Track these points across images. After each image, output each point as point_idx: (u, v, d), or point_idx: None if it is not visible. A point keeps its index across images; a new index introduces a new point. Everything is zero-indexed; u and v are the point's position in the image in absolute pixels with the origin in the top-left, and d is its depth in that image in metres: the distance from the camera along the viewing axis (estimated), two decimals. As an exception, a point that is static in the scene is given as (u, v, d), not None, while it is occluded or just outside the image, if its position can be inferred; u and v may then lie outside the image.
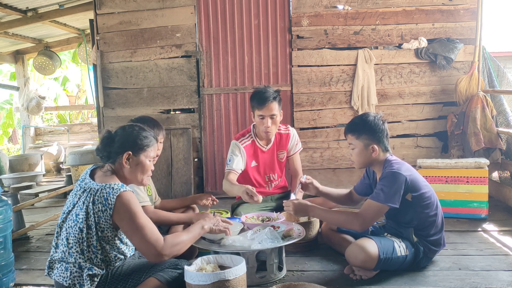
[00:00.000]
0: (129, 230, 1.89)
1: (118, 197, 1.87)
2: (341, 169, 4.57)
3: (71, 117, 11.88)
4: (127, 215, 1.87)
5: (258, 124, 3.07)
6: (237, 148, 3.12)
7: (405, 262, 2.38)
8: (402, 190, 2.30)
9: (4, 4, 5.14)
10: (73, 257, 1.90)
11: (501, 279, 2.30)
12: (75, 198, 1.97)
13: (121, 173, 2.03)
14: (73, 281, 1.88)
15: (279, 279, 2.40)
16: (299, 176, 2.84)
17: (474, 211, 3.37)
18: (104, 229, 1.91)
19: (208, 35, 4.55)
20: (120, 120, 4.63)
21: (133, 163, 2.03)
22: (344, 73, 4.49)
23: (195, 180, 4.63)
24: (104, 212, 1.88)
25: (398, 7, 4.42)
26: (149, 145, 2.07)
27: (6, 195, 3.67)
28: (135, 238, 1.89)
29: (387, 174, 2.34)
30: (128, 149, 2.01)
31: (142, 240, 1.87)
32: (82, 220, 1.89)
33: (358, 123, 2.49)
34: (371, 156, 2.44)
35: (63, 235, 1.95)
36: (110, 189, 1.89)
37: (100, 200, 1.88)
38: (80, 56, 7.49)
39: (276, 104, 3.01)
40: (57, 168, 7.43)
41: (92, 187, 1.92)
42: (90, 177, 2.01)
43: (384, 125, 2.45)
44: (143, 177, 2.08)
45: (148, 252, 1.88)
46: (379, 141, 2.44)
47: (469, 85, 4.20)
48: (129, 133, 2.05)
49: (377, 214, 2.32)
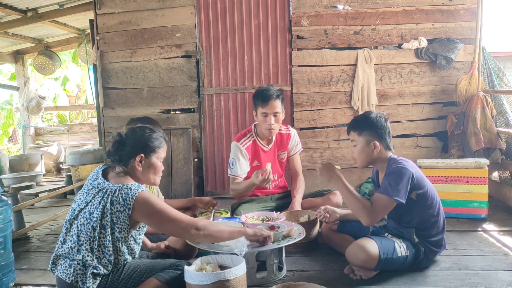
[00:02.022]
0: (161, 221, 1.98)
1: (137, 198, 1.93)
2: (341, 169, 4.54)
3: (71, 117, 11.89)
4: (151, 210, 1.95)
5: (261, 122, 3.07)
6: (239, 151, 3.12)
7: (406, 262, 2.38)
8: (408, 186, 2.31)
9: (4, 4, 5.14)
10: (82, 254, 1.92)
11: (501, 279, 2.30)
12: (87, 197, 2.00)
13: (134, 175, 2.08)
14: (75, 278, 1.89)
15: (279, 279, 2.40)
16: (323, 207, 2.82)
17: (474, 211, 3.37)
18: (122, 229, 1.95)
19: (208, 35, 4.55)
20: (120, 120, 4.63)
21: (146, 165, 2.09)
22: (344, 73, 4.49)
23: (195, 180, 4.63)
24: (123, 213, 1.92)
25: (398, 7, 4.42)
26: (160, 147, 2.13)
27: (6, 195, 3.67)
28: (169, 226, 2.00)
29: (393, 170, 2.35)
30: (140, 152, 2.06)
31: (177, 227, 2.00)
32: (96, 219, 1.92)
33: (361, 120, 2.53)
34: (373, 153, 2.45)
35: (74, 231, 1.97)
36: (128, 190, 1.94)
37: (119, 200, 1.92)
38: (80, 56, 7.50)
39: (279, 102, 3.03)
40: (57, 168, 7.44)
41: (108, 188, 1.96)
42: (102, 177, 2.03)
43: (386, 122, 2.47)
44: (155, 177, 2.15)
45: (188, 231, 2.01)
46: (381, 138, 2.45)
47: (469, 85, 4.20)
48: (140, 136, 2.10)
49: (384, 208, 2.31)
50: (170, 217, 1.98)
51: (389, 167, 2.42)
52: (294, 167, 3.34)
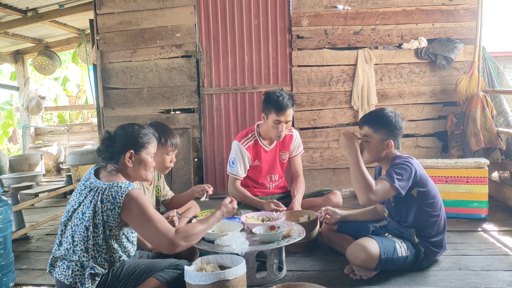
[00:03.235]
0: (140, 224, 1.94)
1: (126, 196, 1.92)
2: (341, 169, 4.57)
3: (71, 117, 11.89)
4: (136, 210, 1.92)
5: (271, 127, 3.03)
6: (240, 151, 3.12)
7: (406, 263, 2.37)
8: (410, 181, 2.31)
9: (4, 4, 5.15)
10: (77, 255, 1.92)
11: (501, 279, 2.29)
12: (80, 197, 1.99)
13: (125, 172, 2.07)
14: (74, 280, 1.89)
15: (279, 279, 2.40)
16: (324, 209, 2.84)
17: (474, 211, 3.37)
18: (112, 227, 1.94)
19: (208, 35, 4.55)
20: (120, 120, 4.63)
21: (136, 161, 2.08)
22: (344, 73, 4.49)
23: (195, 180, 4.63)
24: (113, 211, 1.91)
25: (398, 7, 4.42)
26: (149, 142, 2.12)
27: (6, 195, 3.67)
28: (147, 231, 1.94)
29: (399, 162, 2.36)
30: (130, 148, 2.05)
31: (153, 231, 1.93)
32: (88, 218, 1.92)
33: (379, 117, 2.46)
34: (383, 152, 2.45)
35: (68, 233, 1.97)
36: (118, 188, 1.93)
37: (108, 198, 1.91)
38: (80, 56, 7.49)
39: (292, 110, 3.04)
40: (57, 168, 7.43)
41: (99, 186, 1.95)
42: (95, 176, 2.03)
43: (402, 123, 2.47)
44: (146, 173, 2.14)
45: (162, 242, 1.94)
46: (395, 138, 2.45)
47: (469, 85, 4.20)
48: (129, 133, 2.08)
49: (385, 192, 2.29)
50: (153, 220, 1.93)
51: (393, 161, 2.43)
52: (295, 168, 3.34)
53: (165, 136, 2.66)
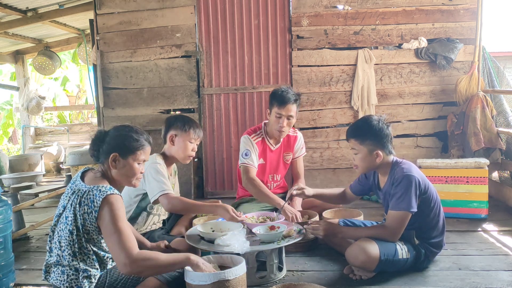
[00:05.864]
0: (107, 232, 1.82)
1: (104, 200, 1.83)
2: (341, 169, 4.57)
3: (71, 117, 11.89)
4: (107, 217, 1.82)
5: (274, 122, 3.07)
6: (251, 144, 3.13)
7: (406, 264, 2.37)
8: (417, 193, 2.30)
9: (4, 4, 5.15)
10: (67, 260, 1.88)
11: (501, 279, 2.29)
12: (65, 201, 1.95)
13: (110, 175, 2.01)
14: (70, 284, 1.87)
15: (279, 279, 2.40)
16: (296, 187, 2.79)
17: (474, 211, 3.37)
18: (89, 231, 1.88)
19: (208, 35, 4.55)
20: (120, 120, 4.62)
21: (120, 165, 1.99)
22: (344, 73, 4.49)
23: (195, 180, 4.63)
24: (90, 214, 1.84)
25: (398, 7, 4.42)
26: (139, 148, 2.02)
27: (6, 195, 3.67)
28: (110, 241, 1.82)
29: (401, 179, 2.31)
30: (116, 151, 1.98)
31: (116, 244, 1.79)
32: (71, 222, 1.87)
33: (362, 127, 2.41)
34: (375, 162, 2.40)
35: (56, 238, 1.94)
36: (97, 191, 1.85)
37: (86, 202, 1.85)
38: (80, 56, 7.49)
39: (295, 106, 3.05)
40: (57, 168, 7.44)
41: (80, 189, 1.90)
42: (81, 179, 1.98)
43: (388, 129, 2.39)
44: (131, 179, 2.03)
45: (119, 258, 1.79)
46: (384, 147, 2.39)
47: (469, 85, 4.20)
48: (120, 135, 2.02)
49: (402, 223, 2.31)
50: (120, 231, 1.79)
51: (392, 173, 2.39)
52: (296, 169, 3.36)
53: (189, 124, 2.70)
